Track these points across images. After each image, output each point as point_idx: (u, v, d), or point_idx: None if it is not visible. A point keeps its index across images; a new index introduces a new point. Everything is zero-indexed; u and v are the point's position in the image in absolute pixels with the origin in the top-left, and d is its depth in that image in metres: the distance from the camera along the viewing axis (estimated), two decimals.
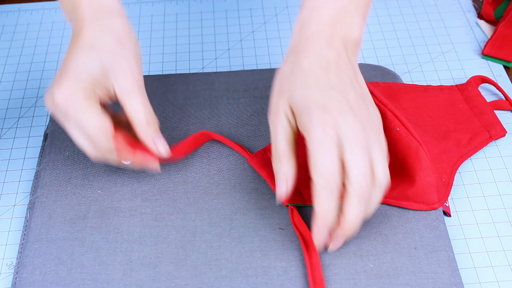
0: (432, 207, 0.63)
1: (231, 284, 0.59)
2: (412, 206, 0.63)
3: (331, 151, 0.53)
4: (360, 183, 0.53)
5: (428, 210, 0.63)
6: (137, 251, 0.61)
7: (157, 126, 0.61)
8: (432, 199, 0.63)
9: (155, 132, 0.60)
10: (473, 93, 0.74)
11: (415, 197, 0.63)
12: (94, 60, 0.57)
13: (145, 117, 0.59)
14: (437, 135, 0.69)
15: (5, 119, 0.77)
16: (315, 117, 0.53)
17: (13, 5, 0.93)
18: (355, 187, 0.53)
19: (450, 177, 0.66)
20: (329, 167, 0.53)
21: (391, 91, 0.74)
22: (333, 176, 0.53)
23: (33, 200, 0.66)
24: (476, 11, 0.89)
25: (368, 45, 0.85)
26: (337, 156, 0.53)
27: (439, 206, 0.63)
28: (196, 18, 0.90)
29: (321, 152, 0.53)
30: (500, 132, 0.71)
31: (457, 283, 0.58)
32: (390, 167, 0.65)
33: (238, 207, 0.65)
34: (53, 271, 0.60)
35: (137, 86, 0.58)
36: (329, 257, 0.60)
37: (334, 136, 0.53)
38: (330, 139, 0.53)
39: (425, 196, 0.63)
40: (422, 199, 0.63)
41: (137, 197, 0.66)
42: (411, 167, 0.64)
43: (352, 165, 0.53)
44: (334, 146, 0.53)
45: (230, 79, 0.77)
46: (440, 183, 0.63)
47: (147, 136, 0.60)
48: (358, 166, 0.53)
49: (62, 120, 0.58)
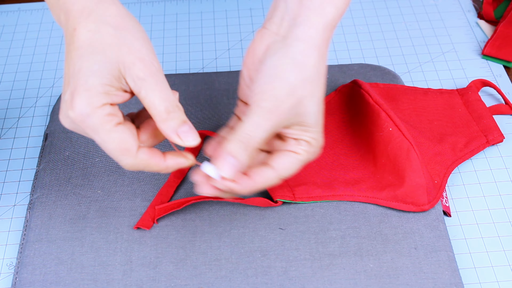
0: (422, 209, 0.63)
1: (231, 284, 0.59)
2: (401, 207, 0.63)
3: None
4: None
5: (417, 211, 0.63)
6: (137, 251, 0.61)
7: (181, 115, 0.52)
8: (422, 200, 0.63)
9: (179, 123, 0.52)
10: (473, 97, 0.74)
11: (404, 197, 0.63)
12: (100, 63, 0.50)
13: (164, 108, 0.51)
14: (433, 137, 0.69)
15: (5, 119, 0.77)
16: (321, 141, 0.57)
17: (13, 5, 0.93)
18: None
19: (443, 180, 0.66)
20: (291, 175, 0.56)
21: (390, 92, 0.74)
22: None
23: (33, 200, 0.66)
24: (476, 11, 0.89)
25: (368, 45, 0.85)
26: None
27: (428, 207, 0.63)
28: (196, 18, 0.90)
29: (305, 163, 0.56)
30: (497, 138, 0.70)
31: (457, 283, 0.58)
32: (381, 167, 0.66)
33: (238, 207, 0.65)
34: (53, 271, 0.60)
35: (150, 73, 0.51)
36: (329, 257, 0.60)
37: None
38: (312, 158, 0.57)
39: (415, 197, 0.63)
40: (411, 200, 0.63)
41: (137, 197, 0.66)
42: (401, 168, 0.64)
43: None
44: None
45: (230, 79, 0.77)
46: (431, 185, 0.63)
47: (169, 129, 0.51)
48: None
49: (84, 134, 0.53)
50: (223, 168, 0.53)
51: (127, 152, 0.51)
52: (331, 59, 0.83)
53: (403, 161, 0.64)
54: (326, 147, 0.69)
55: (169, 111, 0.51)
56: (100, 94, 0.50)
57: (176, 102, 0.52)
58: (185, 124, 0.52)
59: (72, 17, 0.52)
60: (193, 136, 0.52)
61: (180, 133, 0.52)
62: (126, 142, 0.51)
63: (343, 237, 0.62)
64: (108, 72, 0.50)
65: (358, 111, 0.71)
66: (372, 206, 0.64)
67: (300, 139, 0.56)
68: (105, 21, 0.51)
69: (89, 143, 0.70)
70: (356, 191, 0.65)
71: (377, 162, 0.66)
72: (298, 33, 0.55)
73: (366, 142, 0.68)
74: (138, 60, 0.50)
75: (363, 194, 0.64)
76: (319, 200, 0.64)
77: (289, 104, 0.53)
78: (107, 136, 0.50)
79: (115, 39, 0.51)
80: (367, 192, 0.64)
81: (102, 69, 0.50)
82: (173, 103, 0.51)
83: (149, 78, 0.51)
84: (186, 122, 0.52)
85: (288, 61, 0.54)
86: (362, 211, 0.64)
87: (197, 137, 0.52)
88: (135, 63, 0.50)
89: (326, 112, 0.73)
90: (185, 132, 0.52)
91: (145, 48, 0.52)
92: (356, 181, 0.66)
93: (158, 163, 0.53)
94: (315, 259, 0.60)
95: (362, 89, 0.70)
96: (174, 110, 0.51)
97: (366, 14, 0.89)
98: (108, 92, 0.50)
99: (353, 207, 0.64)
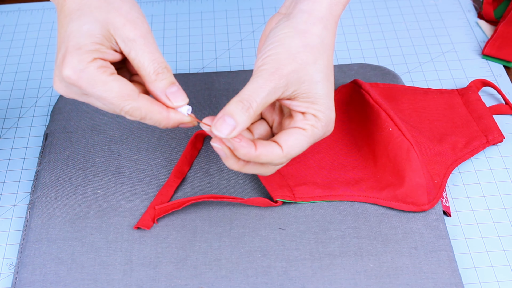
0: (422, 209, 0.63)
1: (231, 284, 0.59)
2: (401, 207, 0.63)
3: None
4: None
5: (417, 211, 0.63)
6: (137, 251, 0.61)
7: (170, 76, 0.53)
8: (422, 200, 0.63)
9: (167, 84, 0.53)
10: (473, 97, 0.74)
11: (405, 197, 0.63)
12: (89, 23, 0.51)
13: (153, 69, 0.52)
14: (433, 137, 0.69)
15: (5, 119, 0.77)
16: (331, 117, 0.55)
17: (13, 5, 0.93)
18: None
19: (443, 180, 0.66)
20: (298, 153, 0.55)
21: (390, 93, 0.74)
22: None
23: (33, 200, 0.66)
24: (476, 11, 0.89)
25: (368, 45, 0.85)
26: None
27: (429, 207, 0.63)
28: (196, 18, 0.90)
29: (312, 141, 0.55)
30: (497, 138, 0.70)
31: (457, 283, 0.58)
32: (381, 167, 0.66)
33: (238, 207, 0.65)
34: (53, 271, 0.60)
35: (141, 34, 0.52)
36: (329, 257, 0.60)
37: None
38: (321, 137, 0.55)
39: (415, 197, 0.63)
40: (411, 200, 0.63)
41: (137, 197, 0.66)
42: (401, 168, 0.64)
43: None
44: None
45: (230, 79, 0.77)
46: (431, 184, 0.63)
47: (157, 90, 0.53)
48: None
49: (79, 97, 0.53)
50: (220, 128, 0.52)
51: (128, 97, 0.51)
52: None
53: (403, 161, 0.64)
54: (326, 147, 0.69)
55: (158, 72, 0.52)
56: (91, 51, 0.51)
57: (165, 64, 0.53)
58: (174, 85, 0.53)
59: None
60: (181, 96, 0.53)
61: (168, 94, 0.53)
62: (126, 87, 0.51)
63: (343, 237, 0.62)
64: (98, 32, 0.51)
65: (358, 111, 0.71)
66: (372, 206, 0.64)
67: (307, 113, 0.54)
68: None
69: (89, 143, 0.70)
70: (356, 191, 0.65)
71: (377, 162, 0.66)
72: (302, 7, 0.55)
73: (366, 142, 0.68)
74: (127, 21, 0.51)
75: (363, 194, 0.64)
76: (319, 200, 0.64)
77: (290, 69, 0.53)
78: (106, 86, 0.51)
79: (104, 3, 0.52)
80: (367, 192, 0.64)
81: (92, 29, 0.51)
82: (162, 64, 0.52)
83: (139, 39, 0.52)
84: (175, 83, 0.53)
85: (291, 30, 0.54)
86: (362, 211, 0.64)
87: (185, 98, 0.53)
88: (125, 24, 0.51)
89: None
90: (173, 93, 0.53)
91: (134, 10, 0.52)
92: (356, 181, 0.66)
93: (160, 110, 0.53)
94: (315, 259, 0.60)
95: (362, 89, 0.70)
96: (163, 72, 0.52)
97: (366, 14, 0.89)
98: (98, 49, 0.51)
99: (353, 207, 0.64)
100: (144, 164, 0.69)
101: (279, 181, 0.65)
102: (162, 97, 0.53)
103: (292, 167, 0.67)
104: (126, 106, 0.52)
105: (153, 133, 0.72)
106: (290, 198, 0.64)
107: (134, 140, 0.71)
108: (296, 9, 0.56)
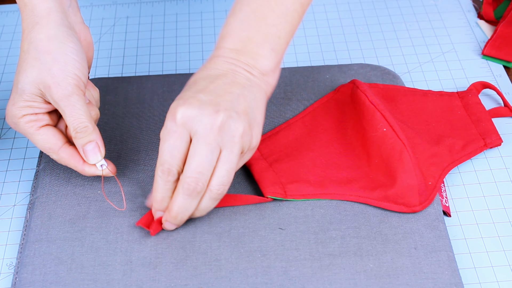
0: (413, 210, 0.63)
1: (231, 284, 0.59)
2: (392, 208, 0.63)
3: (175, 143, 0.57)
4: (189, 180, 0.57)
5: (409, 212, 0.63)
6: (137, 251, 0.61)
7: (88, 135, 0.61)
8: (413, 201, 0.63)
9: (84, 142, 0.61)
10: (473, 100, 0.74)
11: (396, 198, 0.63)
12: (23, 83, 0.60)
13: (73, 127, 0.60)
14: (430, 139, 0.69)
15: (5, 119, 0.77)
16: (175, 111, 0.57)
17: (13, 5, 0.93)
18: (182, 183, 0.57)
19: (438, 181, 0.65)
20: (168, 158, 0.57)
21: (389, 93, 0.74)
22: (170, 166, 0.58)
23: (33, 200, 0.66)
24: (476, 11, 0.89)
25: (368, 45, 0.85)
26: (180, 150, 0.57)
27: (420, 209, 0.63)
28: (196, 18, 0.90)
29: (167, 142, 0.57)
30: (495, 141, 0.70)
31: (457, 283, 0.58)
32: (374, 167, 0.66)
33: (238, 207, 0.65)
34: (53, 271, 0.60)
35: (65, 95, 0.59)
36: (329, 257, 0.60)
37: (184, 131, 0.57)
38: (180, 133, 0.57)
39: (406, 198, 0.63)
40: (402, 201, 0.63)
41: (137, 197, 0.66)
42: (393, 168, 0.64)
43: (189, 161, 0.57)
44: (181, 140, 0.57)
45: None
46: (424, 186, 0.63)
47: (77, 145, 0.62)
48: (194, 164, 0.56)
49: None
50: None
51: (50, 150, 0.62)
52: (331, 59, 0.83)
53: (396, 162, 0.64)
54: (321, 146, 0.69)
55: (77, 131, 0.60)
56: (21, 108, 0.60)
57: (85, 123, 0.60)
58: (90, 143, 0.61)
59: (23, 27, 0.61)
60: (95, 155, 0.62)
61: (85, 151, 0.62)
62: (49, 141, 0.62)
63: (343, 237, 0.62)
64: (29, 91, 0.60)
65: (355, 111, 0.71)
66: (372, 206, 0.64)
67: None
68: (34, 43, 0.60)
69: None
70: (348, 190, 0.65)
71: (370, 162, 0.66)
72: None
73: (361, 142, 0.68)
74: (53, 83, 0.59)
75: (354, 193, 0.64)
76: (310, 198, 0.64)
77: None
78: (32, 138, 0.62)
79: (37, 63, 0.59)
80: (358, 191, 0.64)
81: (25, 88, 0.60)
82: (82, 124, 0.60)
83: (60, 102, 0.59)
84: (92, 141, 0.61)
85: None
86: (362, 211, 0.64)
87: (98, 156, 0.62)
88: (50, 86, 0.59)
89: (322, 111, 0.73)
90: (88, 151, 0.62)
91: (63, 70, 0.59)
92: (349, 180, 0.66)
93: (76, 164, 0.63)
94: (315, 259, 0.60)
95: (359, 89, 0.70)
96: (81, 131, 0.60)
97: (366, 14, 0.89)
98: (30, 106, 0.60)
99: (353, 207, 0.64)
100: (144, 164, 0.69)
101: (272, 178, 0.65)
102: (80, 152, 0.62)
103: (286, 164, 0.67)
104: (51, 155, 0.63)
105: (153, 133, 0.72)
106: (281, 195, 0.64)
107: (134, 140, 0.71)
108: None
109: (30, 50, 0.60)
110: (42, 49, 0.59)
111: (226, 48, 0.60)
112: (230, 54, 0.60)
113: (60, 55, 0.59)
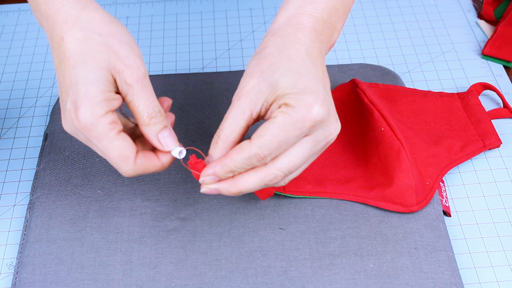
0: (410, 210, 0.63)
1: (231, 284, 0.59)
2: (390, 207, 0.63)
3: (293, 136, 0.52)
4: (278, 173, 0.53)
5: (406, 212, 0.63)
6: (137, 251, 0.61)
7: (162, 120, 0.55)
8: (410, 201, 0.63)
9: (160, 128, 0.55)
10: (473, 101, 0.74)
11: (393, 198, 0.63)
12: (94, 71, 0.52)
13: (147, 113, 0.54)
14: (429, 139, 0.69)
15: (5, 119, 0.77)
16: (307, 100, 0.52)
17: (13, 5, 0.93)
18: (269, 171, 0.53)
19: (436, 181, 0.65)
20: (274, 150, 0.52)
21: (389, 93, 0.74)
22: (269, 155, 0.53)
23: (33, 200, 0.66)
24: (476, 11, 0.89)
25: (368, 45, 0.85)
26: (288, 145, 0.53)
27: (417, 209, 0.63)
28: (196, 18, 0.90)
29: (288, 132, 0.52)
30: (494, 142, 0.70)
31: (457, 283, 0.58)
32: (372, 167, 0.66)
33: (238, 207, 0.65)
34: (53, 271, 0.60)
35: (137, 79, 0.53)
36: (329, 257, 0.60)
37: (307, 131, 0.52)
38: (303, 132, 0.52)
39: (403, 198, 0.63)
40: (399, 201, 0.63)
41: (137, 197, 0.66)
42: (391, 168, 0.64)
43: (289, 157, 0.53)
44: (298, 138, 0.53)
45: (230, 79, 0.77)
46: (421, 186, 0.63)
47: (150, 133, 0.55)
48: (292, 163, 0.53)
49: (83, 141, 0.55)
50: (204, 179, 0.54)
51: (127, 159, 0.54)
52: (331, 59, 0.83)
53: (393, 161, 0.64)
54: None
55: (152, 116, 0.54)
56: (102, 102, 0.52)
57: (158, 108, 0.54)
58: (166, 129, 0.55)
59: (58, 25, 0.54)
60: (172, 140, 0.55)
61: (160, 138, 0.55)
62: (127, 149, 0.53)
63: (343, 237, 0.62)
64: (104, 79, 0.52)
65: (354, 110, 0.71)
66: (372, 206, 0.64)
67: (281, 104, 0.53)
68: (91, 28, 0.53)
69: None
70: (345, 189, 0.65)
71: (368, 162, 0.66)
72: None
73: (359, 141, 0.68)
74: (125, 66, 0.53)
75: (352, 193, 0.64)
76: (308, 195, 0.64)
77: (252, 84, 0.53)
78: (110, 143, 0.53)
79: (104, 47, 0.53)
80: (356, 191, 0.64)
81: (98, 77, 0.52)
82: (156, 108, 0.54)
83: (135, 84, 0.53)
84: (167, 127, 0.55)
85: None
86: (362, 211, 0.64)
87: (176, 141, 0.55)
88: (123, 69, 0.53)
89: None
90: (164, 137, 0.55)
91: (131, 53, 0.54)
92: (347, 179, 0.66)
93: (155, 164, 0.55)
94: (315, 259, 0.60)
95: (358, 88, 0.70)
96: (156, 116, 0.54)
97: (366, 14, 0.89)
98: (108, 98, 0.53)
99: (353, 207, 0.64)
100: None
101: None
102: (154, 141, 0.55)
103: None
104: (123, 168, 0.54)
105: None
106: (280, 190, 0.64)
107: None
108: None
109: (89, 36, 0.53)
110: (103, 32, 0.54)
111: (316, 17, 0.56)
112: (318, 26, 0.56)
113: (122, 37, 0.54)
